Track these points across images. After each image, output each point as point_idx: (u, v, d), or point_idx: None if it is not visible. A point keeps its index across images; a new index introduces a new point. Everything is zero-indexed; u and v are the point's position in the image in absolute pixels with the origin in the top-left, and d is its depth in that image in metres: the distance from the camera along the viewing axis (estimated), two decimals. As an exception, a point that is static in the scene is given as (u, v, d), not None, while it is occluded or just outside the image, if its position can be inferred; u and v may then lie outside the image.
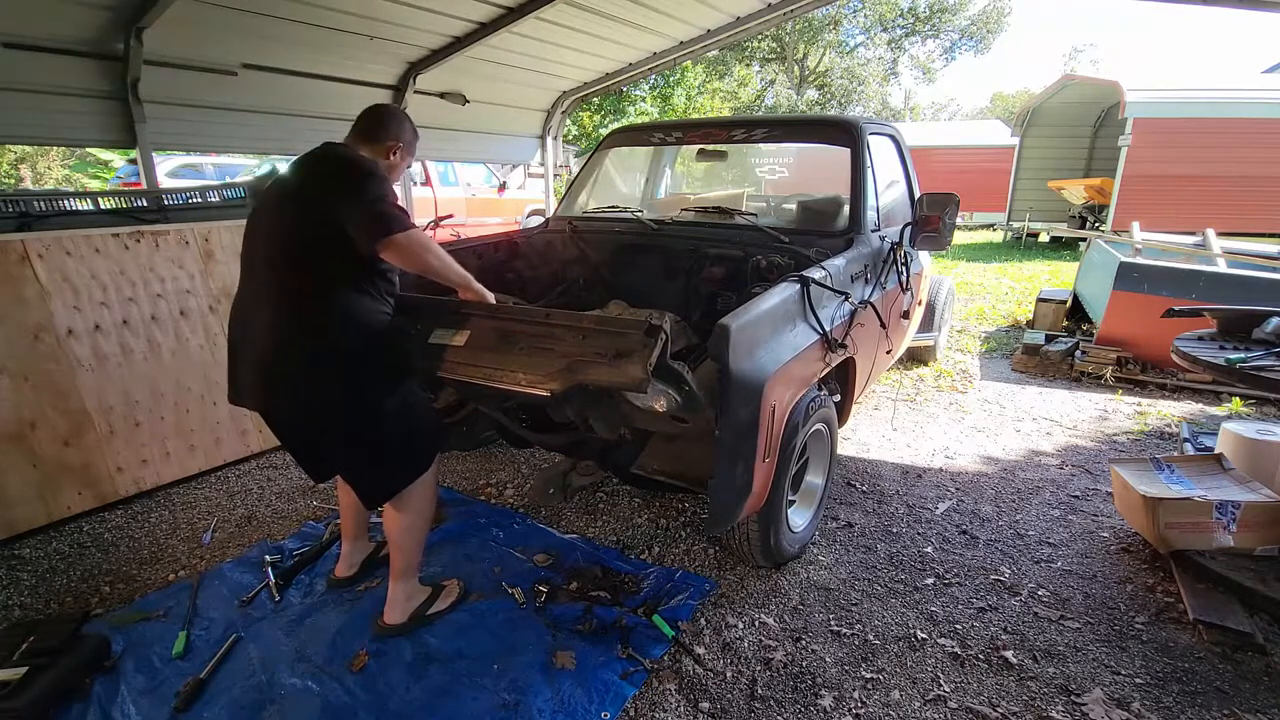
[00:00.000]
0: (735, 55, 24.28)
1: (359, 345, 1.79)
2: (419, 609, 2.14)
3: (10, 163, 13.96)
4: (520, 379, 1.67)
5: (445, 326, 1.89)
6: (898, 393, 4.39)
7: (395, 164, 2.00)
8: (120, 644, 2.05)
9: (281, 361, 1.78)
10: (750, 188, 10.55)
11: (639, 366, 1.53)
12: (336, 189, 1.74)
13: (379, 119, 1.98)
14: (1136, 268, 4.52)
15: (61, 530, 2.73)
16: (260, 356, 1.80)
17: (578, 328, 1.69)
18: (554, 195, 7.63)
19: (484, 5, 4.79)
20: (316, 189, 1.78)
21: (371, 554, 2.43)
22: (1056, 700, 1.83)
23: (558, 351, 1.67)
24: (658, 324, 1.56)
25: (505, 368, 1.72)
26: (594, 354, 1.61)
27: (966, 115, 34.70)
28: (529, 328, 1.76)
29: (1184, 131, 9.95)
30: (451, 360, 1.81)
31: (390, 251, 1.72)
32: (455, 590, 2.26)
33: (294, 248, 1.76)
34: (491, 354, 1.76)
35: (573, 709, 1.79)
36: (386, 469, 1.95)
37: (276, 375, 1.79)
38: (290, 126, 5.02)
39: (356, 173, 1.78)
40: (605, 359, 1.59)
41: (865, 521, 2.79)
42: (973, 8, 26.06)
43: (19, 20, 3.40)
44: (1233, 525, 2.29)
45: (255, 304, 1.82)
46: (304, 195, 1.79)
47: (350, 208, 1.71)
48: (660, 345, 1.54)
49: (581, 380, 1.61)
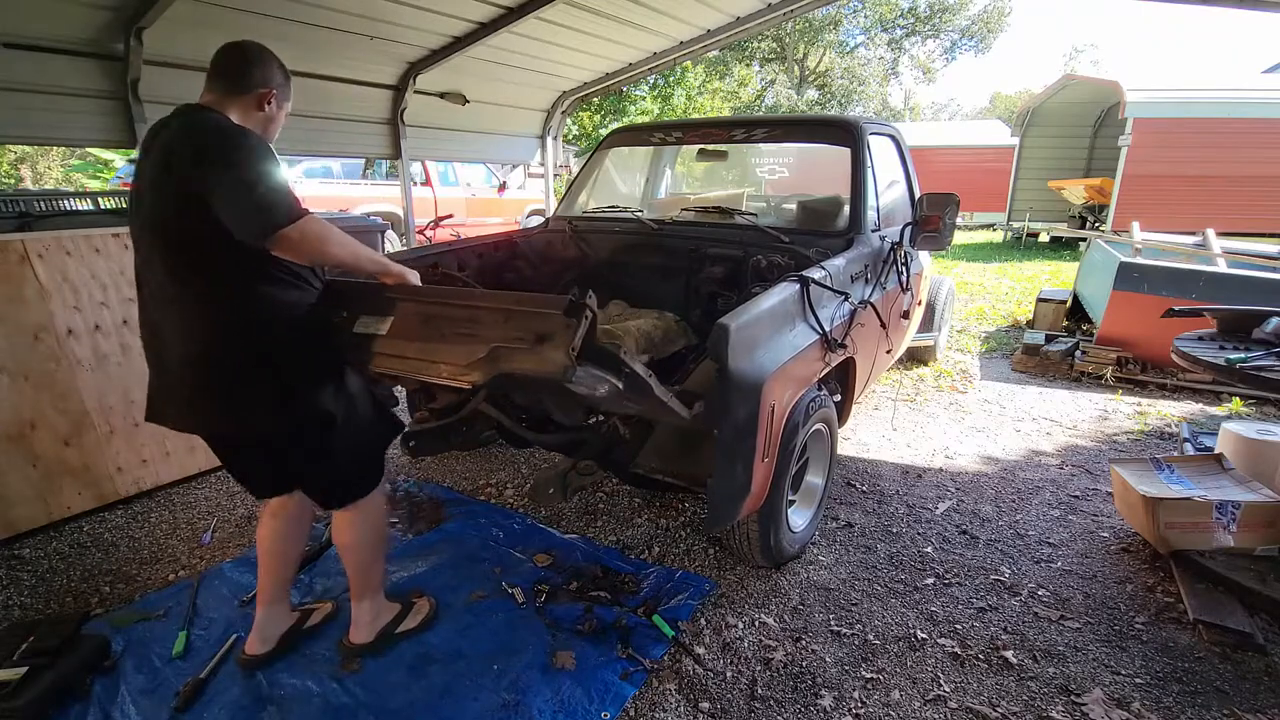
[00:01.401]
0: (735, 55, 24.27)
1: (285, 343, 1.59)
2: (387, 626, 2.03)
3: (10, 163, 13.95)
4: (443, 370, 1.52)
5: (370, 314, 1.70)
6: (898, 393, 4.39)
7: (271, 116, 1.66)
8: (120, 644, 2.05)
9: (204, 376, 1.56)
10: (750, 188, 10.55)
11: (561, 351, 1.38)
12: (203, 172, 1.43)
13: (242, 60, 1.61)
14: (1136, 268, 4.52)
15: (61, 530, 2.73)
16: (180, 372, 1.58)
17: (499, 309, 1.52)
18: (554, 195, 7.63)
19: (484, 5, 4.79)
20: (185, 170, 1.45)
21: (294, 625, 2.04)
22: (1056, 700, 1.83)
23: (481, 337, 1.49)
24: (580, 301, 1.38)
25: (428, 357, 1.55)
26: (515, 339, 1.45)
27: (966, 115, 34.71)
28: (453, 310, 1.59)
29: (1184, 131, 9.95)
30: (377, 351, 1.64)
31: (281, 247, 1.45)
32: (426, 608, 2.14)
33: (182, 243, 1.49)
34: (416, 343, 1.60)
35: (573, 709, 1.79)
36: (348, 470, 1.81)
37: (202, 392, 1.58)
38: (290, 126, 4.99)
39: (223, 148, 1.45)
40: (527, 344, 1.43)
41: (865, 521, 2.78)
42: (973, 8, 26.07)
43: (19, 20, 3.40)
44: (1233, 525, 2.29)
45: (161, 310, 1.58)
46: (174, 179, 1.46)
47: (223, 197, 1.41)
48: (585, 325, 1.38)
49: (504, 370, 1.45)
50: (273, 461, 1.79)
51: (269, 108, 1.64)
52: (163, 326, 1.58)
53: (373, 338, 1.64)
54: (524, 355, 1.43)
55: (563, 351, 1.37)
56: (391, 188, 8.85)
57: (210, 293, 1.52)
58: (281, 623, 2.02)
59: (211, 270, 1.51)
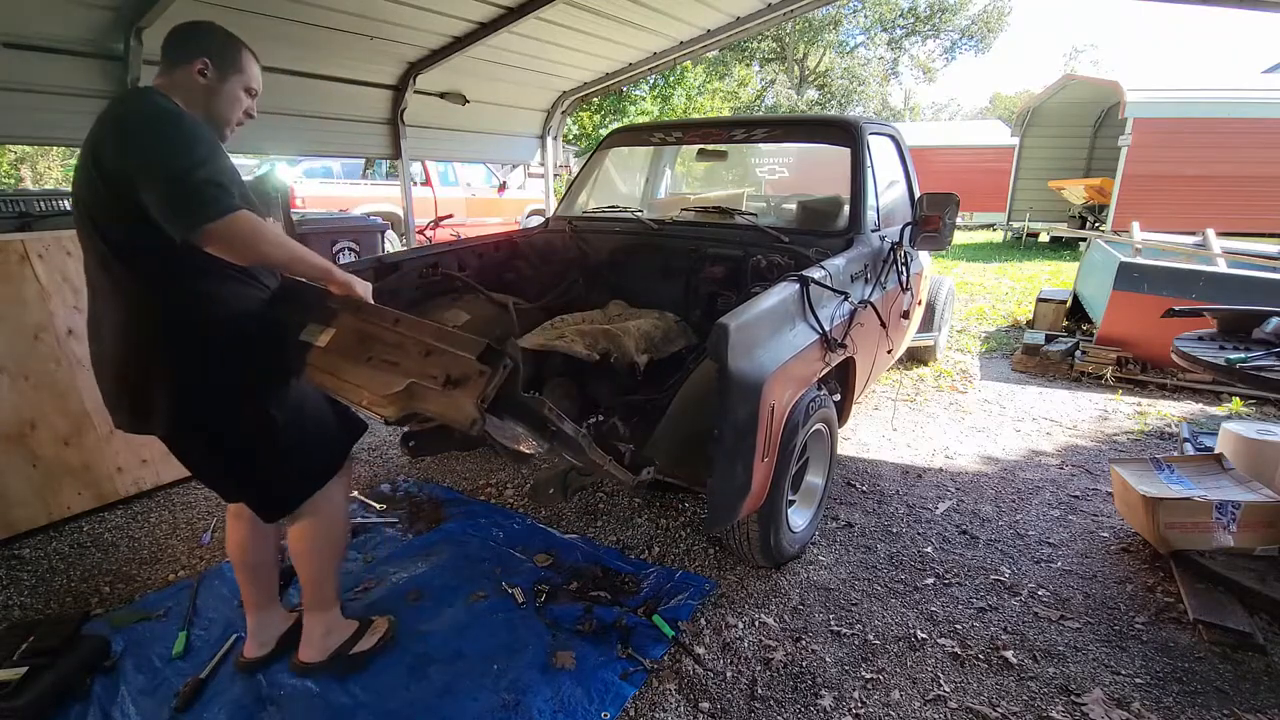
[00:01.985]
0: (735, 55, 24.27)
1: (229, 341, 1.50)
2: (341, 647, 1.92)
3: (10, 163, 13.96)
4: (364, 396, 1.41)
5: (315, 321, 1.60)
6: (898, 393, 4.39)
7: (212, 88, 1.54)
8: (120, 644, 2.05)
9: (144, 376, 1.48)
10: (750, 188, 10.55)
11: (470, 401, 1.24)
12: (128, 160, 1.34)
13: (180, 34, 1.53)
14: (1136, 268, 4.52)
15: (61, 530, 2.73)
16: (119, 373, 1.50)
17: (421, 341, 1.40)
18: (554, 195, 7.63)
19: (484, 5, 4.79)
20: (115, 156, 1.36)
21: (292, 626, 1.99)
22: (1056, 700, 1.83)
23: (402, 368, 1.39)
24: (500, 348, 1.26)
25: (354, 380, 1.45)
26: (430, 376, 1.33)
27: (966, 115, 34.71)
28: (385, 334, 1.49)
29: (1184, 131, 9.95)
30: (312, 363, 1.55)
31: (211, 244, 1.35)
32: (383, 628, 2.03)
33: (118, 233, 1.41)
34: (347, 361, 1.49)
35: (573, 709, 1.79)
36: (280, 475, 1.67)
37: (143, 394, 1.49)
38: (290, 126, 5.01)
39: (152, 133, 1.35)
40: (438, 385, 1.31)
41: (865, 521, 2.78)
42: (973, 8, 26.06)
43: (19, 20, 3.40)
44: (1233, 525, 2.29)
45: (102, 306, 1.49)
46: (105, 167, 1.37)
47: (148, 187, 1.32)
48: (500, 375, 1.25)
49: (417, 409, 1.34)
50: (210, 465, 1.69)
51: (207, 77, 1.52)
52: (101, 325, 1.50)
53: (309, 347, 1.55)
54: (436, 397, 1.31)
55: (472, 401, 1.24)
56: (391, 188, 8.85)
57: (142, 289, 1.44)
58: (276, 626, 1.97)
59: (145, 263, 1.42)
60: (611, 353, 2.36)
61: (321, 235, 5.14)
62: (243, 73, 1.60)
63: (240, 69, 1.59)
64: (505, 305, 2.88)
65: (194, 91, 1.52)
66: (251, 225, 1.37)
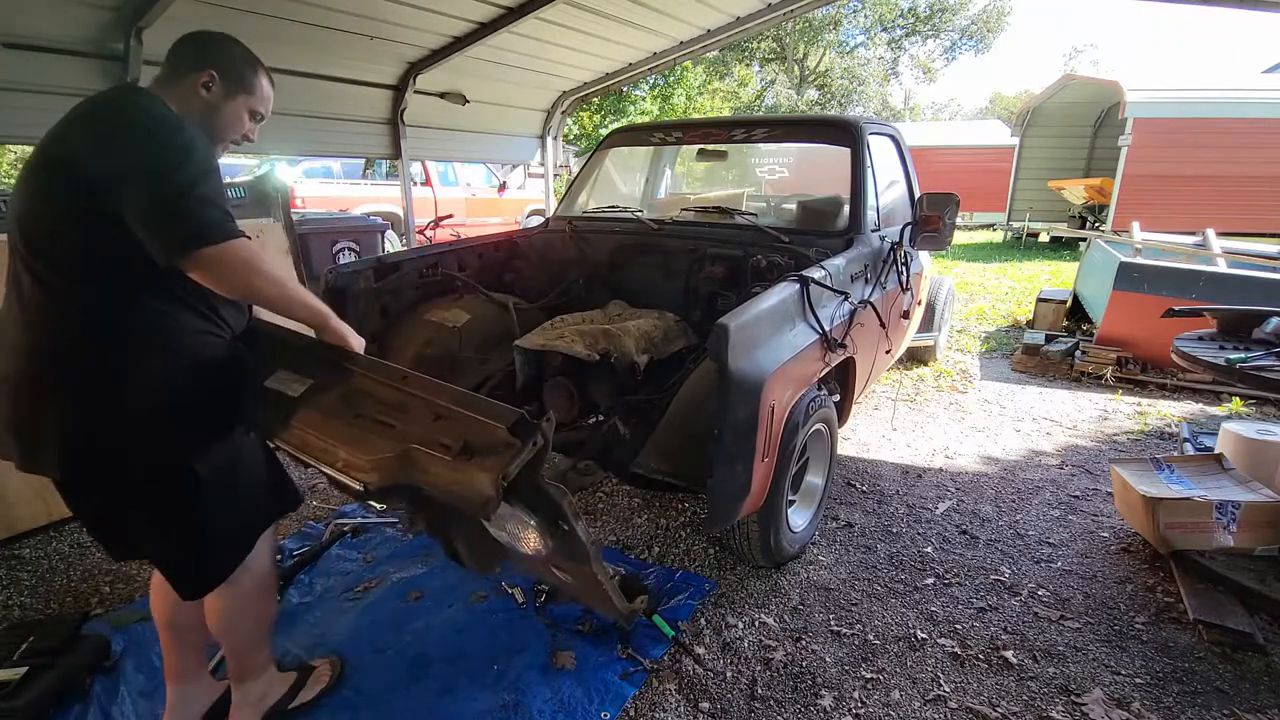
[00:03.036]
0: (735, 55, 24.28)
1: (167, 379, 1.28)
2: (279, 703, 1.71)
3: (10, 163, 13.96)
4: (340, 458, 1.25)
5: (289, 368, 1.43)
6: (898, 393, 4.39)
7: (213, 104, 1.41)
8: (120, 644, 2.05)
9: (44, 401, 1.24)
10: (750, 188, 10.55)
11: (488, 477, 1.09)
12: (115, 161, 1.19)
13: (191, 40, 1.42)
14: (1136, 268, 4.52)
15: (61, 530, 2.73)
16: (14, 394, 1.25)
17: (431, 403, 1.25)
18: (554, 195, 7.63)
19: (484, 5, 4.79)
20: (92, 158, 1.20)
21: (220, 699, 1.71)
22: (1056, 700, 1.83)
23: (398, 430, 1.23)
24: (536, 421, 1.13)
25: (328, 438, 1.29)
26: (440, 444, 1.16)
27: (966, 115, 34.70)
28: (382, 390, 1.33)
29: (1184, 131, 9.95)
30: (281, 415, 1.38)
31: (197, 269, 1.21)
32: (327, 673, 1.85)
33: (69, 242, 1.23)
34: (324, 417, 1.33)
35: (573, 709, 1.79)
36: (204, 549, 1.42)
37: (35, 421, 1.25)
38: (290, 126, 5.01)
39: (146, 135, 1.21)
40: (450, 452, 1.15)
41: (865, 521, 2.78)
42: (973, 8, 26.07)
43: (19, 20, 3.40)
44: (1233, 525, 2.29)
45: (12, 318, 1.28)
46: (74, 169, 1.21)
47: (135, 198, 1.17)
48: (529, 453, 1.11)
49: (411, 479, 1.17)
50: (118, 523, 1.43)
51: (210, 91, 1.39)
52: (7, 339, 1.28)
53: (281, 398, 1.38)
54: (442, 466, 1.14)
55: (491, 477, 1.08)
56: (391, 188, 8.85)
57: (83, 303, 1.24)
58: (203, 699, 1.70)
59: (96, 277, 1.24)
60: (611, 353, 2.36)
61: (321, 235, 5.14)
62: (252, 94, 1.48)
63: (250, 90, 1.47)
64: (505, 305, 2.89)
65: (191, 103, 1.39)
66: (249, 255, 1.25)
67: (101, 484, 1.32)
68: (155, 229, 1.18)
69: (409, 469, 1.16)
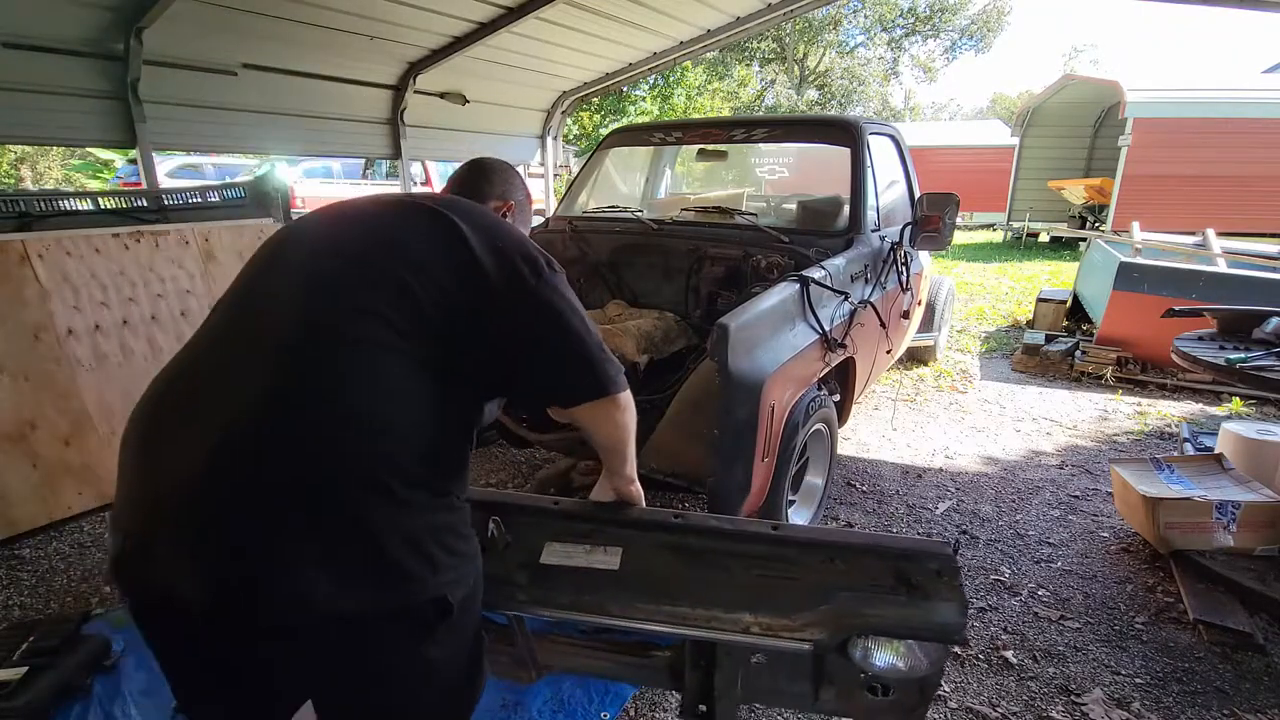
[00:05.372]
0: (735, 55, 24.27)
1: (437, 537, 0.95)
2: None
3: (10, 163, 13.96)
4: (767, 625, 1.14)
5: (565, 540, 1.25)
6: (898, 393, 4.39)
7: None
8: (121, 644, 2.04)
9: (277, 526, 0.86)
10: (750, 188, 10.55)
11: (954, 606, 1.06)
12: (528, 298, 1.03)
13: (482, 170, 1.36)
14: (1136, 268, 4.53)
15: (61, 530, 2.73)
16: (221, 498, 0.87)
17: (823, 544, 1.18)
18: (554, 195, 7.63)
19: (484, 5, 4.80)
20: (502, 283, 1.02)
21: None
22: (1056, 700, 1.83)
23: (804, 582, 1.15)
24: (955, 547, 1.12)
25: (718, 607, 1.16)
26: (868, 583, 1.12)
27: (966, 115, 34.70)
28: (735, 545, 1.20)
29: (1184, 131, 9.95)
30: (591, 595, 1.21)
31: (599, 414, 1.10)
32: None
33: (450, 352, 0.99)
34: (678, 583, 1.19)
35: (572, 709, 1.79)
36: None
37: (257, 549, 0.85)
38: (290, 127, 5.02)
39: (543, 277, 1.06)
40: (886, 591, 1.10)
41: (865, 521, 2.78)
42: (973, 8, 26.07)
43: (19, 20, 3.41)
44: (1233, 525, 2.29)
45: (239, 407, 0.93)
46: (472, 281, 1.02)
47: (545, 344, 1.05)
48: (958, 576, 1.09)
49: (861, 623, 1.11)
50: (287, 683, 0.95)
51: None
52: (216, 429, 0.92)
53: (587, 574, 1.21)
54: (888, 606, 1.10)
55: (957, 606, 1.07)
56: (392, 188, 8.86)
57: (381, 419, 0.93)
58: None
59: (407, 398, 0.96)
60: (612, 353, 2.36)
61: (321, 235, 5.15)
62: (527, 224, 1.43)
63: (527, 222, 1.43)
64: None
65: None
66: (630, 401, 1.16)
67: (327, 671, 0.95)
68: (563, 372, 1.09)
69: (849, 617, 1.12)
